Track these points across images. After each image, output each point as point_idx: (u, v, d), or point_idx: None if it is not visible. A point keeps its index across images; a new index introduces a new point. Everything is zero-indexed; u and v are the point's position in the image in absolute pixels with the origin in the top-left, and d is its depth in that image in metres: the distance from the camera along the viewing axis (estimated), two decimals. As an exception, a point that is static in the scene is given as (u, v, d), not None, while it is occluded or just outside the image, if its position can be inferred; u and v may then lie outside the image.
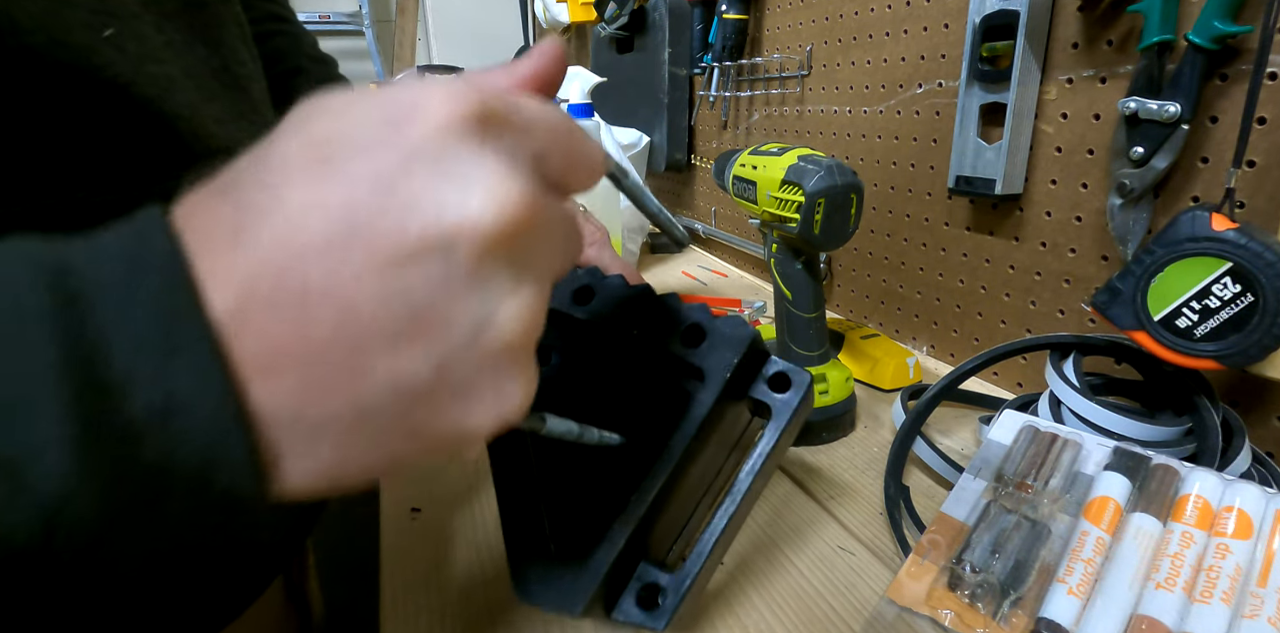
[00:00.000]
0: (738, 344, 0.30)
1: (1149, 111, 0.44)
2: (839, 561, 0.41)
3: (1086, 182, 0.52)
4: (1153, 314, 0.40)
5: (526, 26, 1.81)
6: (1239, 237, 0.37)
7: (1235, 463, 0.39)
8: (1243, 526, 0.32)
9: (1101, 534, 0.33)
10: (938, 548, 0.35)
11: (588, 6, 1.29)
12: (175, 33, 0.29)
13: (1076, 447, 0.38)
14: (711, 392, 0.30)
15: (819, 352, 0.54)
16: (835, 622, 0.36)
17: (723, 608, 0.37)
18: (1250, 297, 0.37)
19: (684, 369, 0.31)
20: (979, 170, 0.58)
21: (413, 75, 0.33)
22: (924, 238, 0.69)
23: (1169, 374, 0.45)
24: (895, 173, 0.71)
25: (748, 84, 0.93)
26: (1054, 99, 0.54)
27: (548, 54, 0.22)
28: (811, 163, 0.49)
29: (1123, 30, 0.48)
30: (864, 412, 0.59)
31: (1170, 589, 0.30)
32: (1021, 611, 0.32)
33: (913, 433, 0.50)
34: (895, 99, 0.69)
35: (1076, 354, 0.47)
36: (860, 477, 0.50)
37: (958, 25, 0.61)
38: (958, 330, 0.67)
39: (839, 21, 0.76)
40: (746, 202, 0.55)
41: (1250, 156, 0.42)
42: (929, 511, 0.45)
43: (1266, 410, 0.45)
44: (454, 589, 0.40)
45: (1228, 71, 0.43)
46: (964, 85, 0.58)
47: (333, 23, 2.26)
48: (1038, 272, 0.58)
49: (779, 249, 0.53)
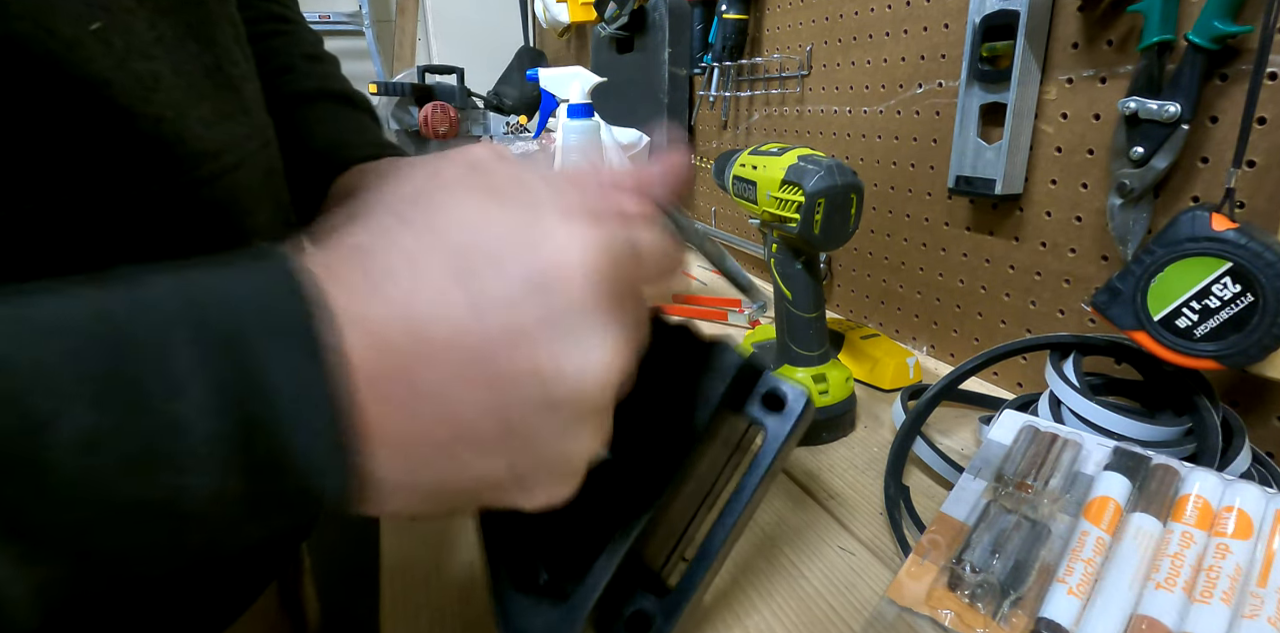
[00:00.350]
0: (727, 372, 0.29)
1: (1149, 111, 0.44)
2: (839, 561, 0.41)
3: (1086, 182, 0.52)
4: (1153, 314, 0.40)
5: (526, 26, 1.81)
6: (1239, 237, 0.37)
7: (1235, 463, 0.39)
8: (1243, 526, 0.32)
9: (1101, 534, 0.33)
10: (938, 548, 0.35)
11: (588, 6, 1.29)
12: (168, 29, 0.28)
13: (1076, 447, 0.38)
14: (703, 417, 0.29)
15: (819, 352, 0.54)
16: (835, 622, 0.36)
17: (722, 608, 0.37)
18: (1250, 297, 0.37)
19: (675, 393, 0.30)
20: (979, 170, 0.58)
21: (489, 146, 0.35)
22: (924, 238, 0.69)
23: (1169, 374, 0.45)
24: (895, 173, 0.71)
25: (748, 84, 0.93)
26: (1054, 99, 0.54)
27: (677, 169, 0.25)
28: (811, 163, 0.49)
29: (1123, 30, 0.48)
30: (864, 412, 0.59)
31: (1170, 589, 0.30)
32: (1021, 611, 0.32)
33: (913, 433, 0.50)
34: (895, 99, 0.69)
35: (1076, 354, 0.47)
36: (860, 477, 0.50)
37: (958, 25, 0.61)
38: (958, 330, 0.67)
39: (839, 21, 0.76)
40: (746, 202, 0.55)
41: (1250, 157, 0.42)
42: (929, 511, 0.45)
43: (1266, 410, 0.45)
44: (454, 590, 0.40)
45: (1228, 71, 0.43)
46: (964, 85, 0.58)
47: (333, 23, 2.26)
48: (1038, 272, 0.58)
49: (779, 249, 0.53)
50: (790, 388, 0.30)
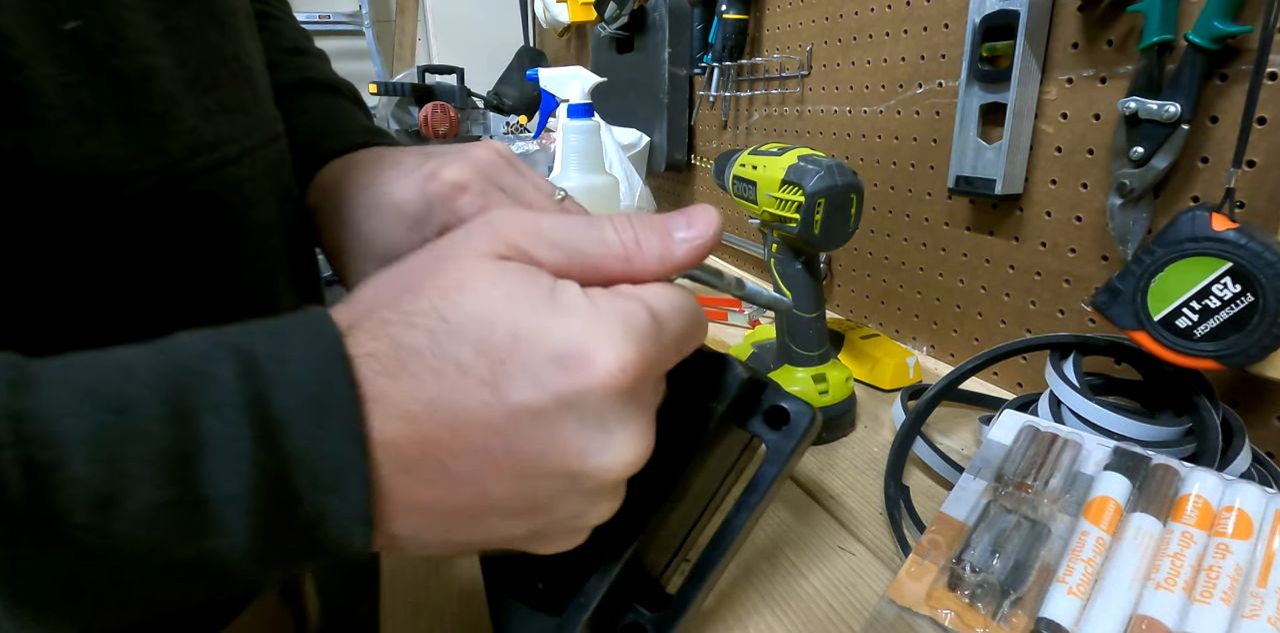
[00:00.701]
0: (730, 389, 0.28)
1: (1149, 111, 0.44)
2: (839, 561, 0.41)
3: (1086, 182, 0.52)
4: (1153, 314, 0.40)
5: (526, 26, 1.81)
6: (1239, 237, 0.37)
7: (1235, 463, 0.39)
8: (1243, 526, 0.32)
9: (1101, 534, 0.33)
10: (938, 548, 0.35)
11: (588, 6, 1.29)
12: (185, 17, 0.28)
13: (1076, 447, 0.38)
14: (704, 434, 0.28)
15: (819, 352, 0.54)
16: (835, 622, 0.36)
17: (723, 608, 0.37)
18: (1250, 297, 0.37)
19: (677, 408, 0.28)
20: (979, 170, 0.58)
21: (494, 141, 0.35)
22: (924, 238, 0.69)
23: (1169, 374, 0.45)
24: (895, 173, 0.71)
25: (748, 84, 0.93)
26: (1054, 99, 0.54)
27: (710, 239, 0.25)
28: (811, 163, 0.49)
29: (1123, 30, 0.48)
30: (864, 412, 0.59)
31: (1170, 589, 0.30)
32: (1021, 611, 0.32)
33: (913, 433, 0.50)
34: (895, 99, 0.69)
35: (1076, 354, 0.47)
36: (860, 477, 0.50)
37: (958, 25, 0.61)
38: (958, 330, 0.67)
39: (839, 21, 0.76)
40: (746, 202, 0.55)
41: (1250, 157, 0.42)
42: (929, 511, 0.45)
43: (1266, 410, 0.45)
44: (453, 592, 0.40)
45: (1228, 71, 0.43)
46: (964, 85, 0.58)
47: (333, 23, 2.26)
48: (1038, 272, 0.58)
49: (779, 249, 0.53)
50: (794, 405, 0.29)
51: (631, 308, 0.21)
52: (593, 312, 0.21)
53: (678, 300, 0.23)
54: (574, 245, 0.23)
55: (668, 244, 0.24)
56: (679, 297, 0.23)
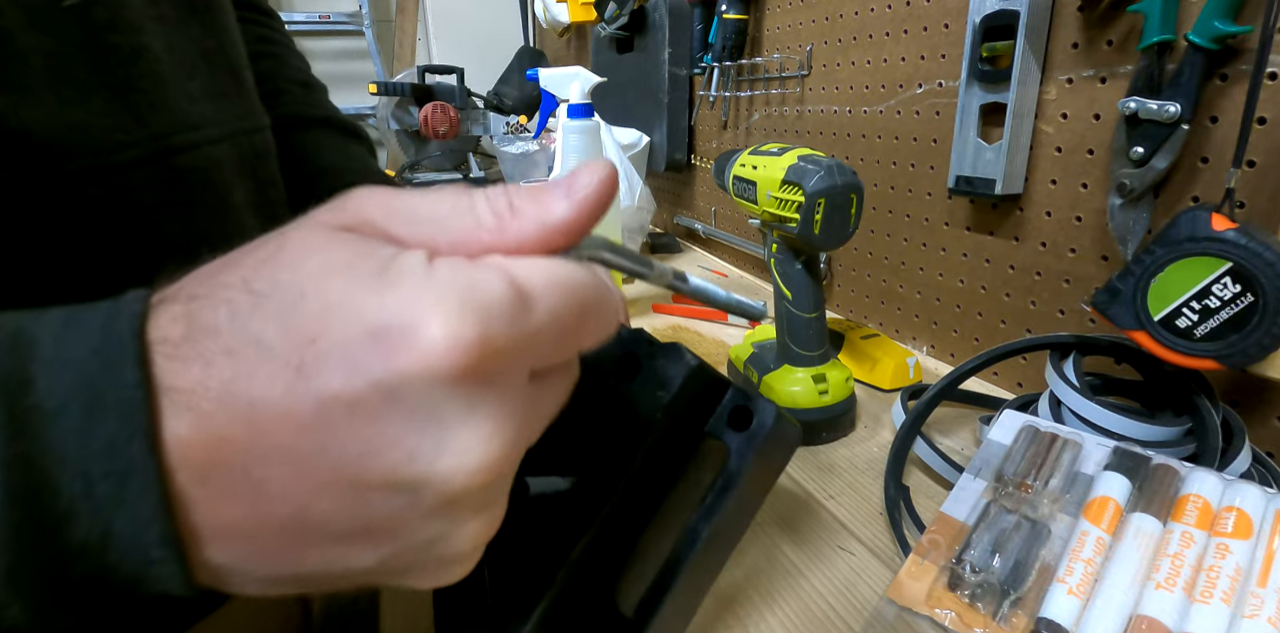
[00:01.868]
0: (672, 382, 0.25)
1: (1149, 111, 0.44)
2: (839, 561, 0.41)
3: (1086, 182, 0.52)
4: (1153, 314, 0.40)
5: (526, 26, 1.81)
6: (1239, 237, 0.37)
7: (1235, 463, 0.39)
8: (1243, 526, 0.32)
9: (1101, 534, 0.33)
10: (938, 548, 0.35)
11: (588, 6, 1.29)
12: (170, 9, 0.30)
13: (1076, 447, 0.38)
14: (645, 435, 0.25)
15: (819, 352, 0.54)
16: (835, 622, 0.36)
17: (722, 608, 0.37)
18: (1250, 297, 0.37)
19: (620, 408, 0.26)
20: (979, 170, 0.58)
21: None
22: (924, 238, 0.69)
23: (1169, 374, 0.45)
24: (895, 173, 0.71)
25: (748, 84, 0.93)
26: (1054, 99, 0.54)
27: (597, 189, 0.19)
28: (811, 163, 0.49)
29: (1123, 30, 0.48)
30: (864, 412, 0.59)
31: (1170, 589, 0.30)
32: (1021, 611, 0.32)
33: (913, 433, 0.50)
34: (895, 99, 0.69)
35: (1076, 354, 0.47)
36: (860, 477, 0.50)
37: (958, 25, 0.61)
38: (958, 330, 0.67)
39: (839, 21, 0.76)
40: (746, 202, 0.55)
41: (1250, 157, 0.42)
42: (929, 511, 0.45)
43: (1266, 410, 0.45)
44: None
45: (1228, 71, 0.43)
46: (964, 85, 0.58)
47: (333, 23, 2.25)
48: (1038, 272, 0.58)
49: (779, 249, 0.53)
50: (759, 404, 0.26)
51: (482, 277, 0.17)
52: (426, 280, 0.16)
53: (561, 275, 0.18)
54: (436, 218, 0.18)
55: (546, 203, 0.19)
56: (565, 270, 0.18)
